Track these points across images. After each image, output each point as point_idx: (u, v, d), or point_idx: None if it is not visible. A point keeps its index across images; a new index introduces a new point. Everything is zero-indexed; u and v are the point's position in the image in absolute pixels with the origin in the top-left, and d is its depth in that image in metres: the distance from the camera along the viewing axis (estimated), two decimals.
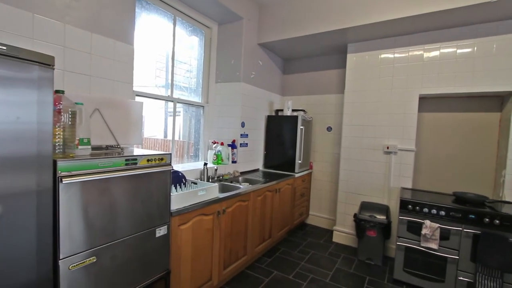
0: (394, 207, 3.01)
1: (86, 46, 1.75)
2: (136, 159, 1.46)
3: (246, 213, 2.44)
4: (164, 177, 1.62)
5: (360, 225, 2.86)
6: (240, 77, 3.10)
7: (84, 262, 1.26)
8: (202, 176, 2.61)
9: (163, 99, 2.69)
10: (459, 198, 2.52)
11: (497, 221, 2.13)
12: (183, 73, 3.02)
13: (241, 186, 2.52)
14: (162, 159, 1.60)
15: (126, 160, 1.41)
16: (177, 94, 2.85)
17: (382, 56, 3.10)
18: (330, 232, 3.60)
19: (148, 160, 1.52)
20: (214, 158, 2.90)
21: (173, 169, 2.02)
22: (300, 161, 3.45)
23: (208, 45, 3.19)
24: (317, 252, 3.05)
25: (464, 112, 2.93)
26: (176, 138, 2.92)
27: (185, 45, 2.97)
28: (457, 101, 2.96)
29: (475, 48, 2.64)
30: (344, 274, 2.62)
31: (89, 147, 1.36)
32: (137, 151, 1.66)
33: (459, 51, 2.71)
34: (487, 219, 2.17)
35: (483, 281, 2.14)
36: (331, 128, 3.75)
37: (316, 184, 3.88)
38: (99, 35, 1.81)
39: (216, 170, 2.74)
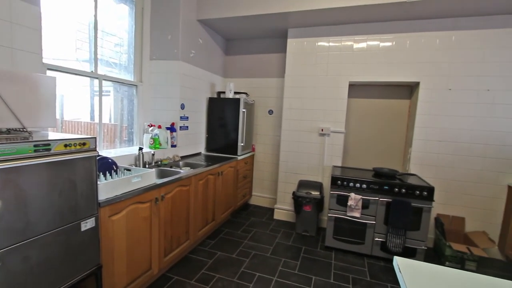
0: (327, 183, 3.33)
1: None
2: (49, 145, 1.24)
3: (187, 198, 2.38)
4: (88, 165, 1.43)
5: (298, 201, 3.10)
6: (179, 55, 2.89)
7: None
8: (138, 162, 2.41)
9: (86, 76, 2.33)
10: (377, 173, 2.94)
11: (404, 190, 2.57)
12: (111, 46, 2.66)
13: (181, 171, 2.42)
14: (84, 144, 1.41)
15: (36, 145, 1.19)
16: (104, 71, 2.51)
17: (319, 43, 3.27)
18: (271, 210, 3.81)
19: (66, 146, 1.31)
20: (151, 143, 2.70)
21: (99, 155, 1.81)
22: (242, 144, 3.49)
23: (140, 16, 2.86)
24: (259, 230, 3.21)
25: (383, 99, 3.36)
26: (106, 121, 2.61)
27: (113, 14, 2.60)
28: (378, 89, 3.36)
29: (394, 42, 3.01)
30: (283, 247, 2.83)
31: None
32: (52, 135, 1.41)
33: (381, 44, 3.05)
34: (396, 189, 2.59)
35: (392, 239, 2.59)
36: (272, 111, 3.86)
37: (259, 165, 4.01)
38: None
39: (153, 155, 2.56)
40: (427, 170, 3.00)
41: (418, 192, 2.52)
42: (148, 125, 2.83)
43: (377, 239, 2.67)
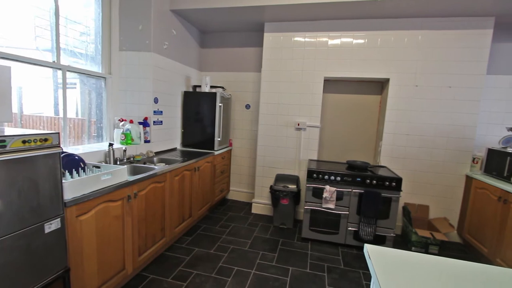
0: (303, 176, 3.41)
1: None
2: (4, 141, 1.14)
3: (162, 195, 2.31)
4: (51, 162, 1.33)
5: (275, 195, 3.14)
6: (151, 46, 2.77)
7: None
8: (108, 159, 2.29)
9: (47, 66, 2.15)
10: (350, 165, 3.05)
11: (375, 182, 2.70)
12: (77, 35, 2.48)
13: (155, 167, 2.34)
14: (46, 140, 1.30)
15: None
16: (68, 61, 2.34)
17: (295, 38, 3.29)
18: (249, 205, 3.83)
19: (24, 142, 1.21)
20: (122, 138, 2.58)
21: (64, 152, 1.70)
22: (219, 139, 3.45)
23: (108, 3, 2.68)
24: (237, 225, 3.21)
25: (356, 94, 3.48)
26: (73, 115, 2.44)
27: (77, 0, 2.41)
28: (352, 84, 3.47)
29: (366, 39, 3.11)
30: (261, 240, 2.87)
31: None
32: (9, 131, 1.30)
33: (354, 41, 3.14)
34: (368, 181, 2.71)
35: (364, 228, 2.72)
36: (249, 106, 3.85)
37: (236, 160, 4.00)
38: None
39: (125, 151, 2.45)
40: (395, 162, 3.17)
41: (387, 183, 2.66)
42: (119, 120, 2.70)
43: (350, 228, 2.79)
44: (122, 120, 2.68)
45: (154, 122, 2.91)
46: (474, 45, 2.85)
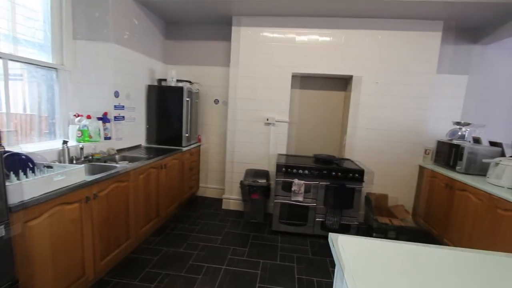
0: (273, 171, 3.45)
1: None
2: None
3: (126, 195, 2.19)
4: None
5: (245, 190, 3.15)
6: (110, 35, 2.57)
7: None
8: (62, 158, 2.10)
9: None
10: (317, 159, 3.17)
11: (340, 174, 2.83)
12: (21, 20, 2.20)
13: (118, 165, 2.20)
14: None
15: None
16: (10, 49, 2.07)
17: (263, 34, 3.29)
18: (220, 201, 3.79)
19: None
20: (79, 135, 2.37)
21: (7, 151, 1.52)
22: (187, 135, 3.35)
23: None
24: (207, 221, 3.17)
25: (322, 90, 3.60)
26: (19, 110, 2.18)
27: None
28: (318, 80, 3.58)
29: (331, 37, 3.22)
30: (232, 236, 2.86)
31: None
32: None
33: (320, 38, 3.23)
34: (333, 173, 2.84)
35: (330, 218, 2.85)
36: (218, 101, 3.79)
37: (205, 156, 3.93)
38: None
39: (82, 149, 2.26)
40: (358, 154, 3.36)
41: (351, 175, 2.81)
42: (75, 115, 2.48)
43: (317, 219, 2.91)
44: (78, 116, 2.47)
45: (115, 117, 2.72)
46: (425, 46, 3.10)
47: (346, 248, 0.96)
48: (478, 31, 3.24)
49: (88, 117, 2.48)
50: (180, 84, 3.28)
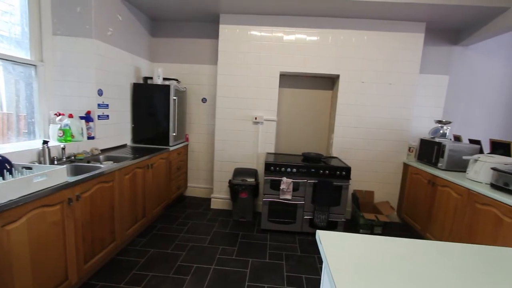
0: (261, 169, 3.46)
1: None
2: None
3: (111, 195, 2.13)
4: None
5: (234, 189, 3.14)
6: (92, 32, 2.49)
7: None
8: (42, 158, 2.02)
9: None
10: (305, 157, 3.19)
11: (327, 172, 2.87)
12: None
13: (102, 166, 2.14)
14: None
15: None
16: None
17: (251, 32, 3.28)
18: (208, 201, 3.77)
19: None
20: (60, 135, 2.29)
21: None
22: (174, 134, 3.30)
23: None
24: (196, 221, 3.14)
25: (310, 89, 3.64)
26: None
27: None
28: (306, 79, 3.61)
29: (318, 37, 3.25)
30: (221, 235, 2.85)
31: None
32: None
33: (308, 38, 3.25)
34: (321, 171, 2.87)
35: (318, 216, 2.89)
36: (206, 100, 3.75)
37: (193, 156, 3.88)
38: None
39: (63, 149, 2.18)
40: (345, 152, 3.41)
41: (338, 172, 2.85)
42: (56, 114, 2.38)
43: (306, 217, 2.94)
44: (59, 115, 2.38)
45: (98, 116, 2.64)
46: (409, 47, 3.18)
47: (333, 244, 0.97)
48: (459, 33, 3.36)
49: (70, 116, 2.40)
50: (166, 83, 3.22)
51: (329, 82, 3.61)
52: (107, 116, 2.78)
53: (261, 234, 2.93)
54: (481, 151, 2.74)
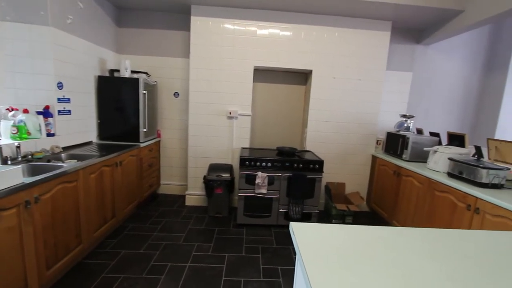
0: (236, 164, 3.45)
1: None
2: None
3: (75, 196, 1.99)
4: None
5: (209, 185, 3.10)
6: (48, 18, 2.27)
7: None
8: None
9: None
10: (280, 151, 3.23)
11: (301, 165, 2.93)
12: None
13: (64, 165, 1.99)
14: None
15: None
16: None
17: (225, 25, 3.21)
18: (182, 197, 3.68)
19: None
20: (14, 132, 2.08)
21: None
22: (145, 130, 3.16)
23: None
24: (170, 219, 3.05)
25: (284, 84, 3.67)
26: None
27: None
28: (280, 74, 3.63)
29: (292, 32, 3.27)
30: (196, 232, 2.80)
31: None
32: None
33: (281, 32, 3.26)
34: (295, 165, 2.93)
35: (293, 208, 2.95)
36: (178, 94, 3.63)
37: (166, 152, 3.76)
38: None
39: (18, 147, 1.99)
40: (319, 146, 3.51)
41: (312, 165, 2.93)
42: (7, 109, 2.16)
43: (281, 210, 2.99)
44: (12, 110, 2.16)
45: (59, 111, 2.44)
46: (377, 44, 3.32)
47: (306, 235, 1.00)
48: (421, 32, 3.58)
49: (25, 111, 2.19)
50: (135, 76, 3.06)
51: (303, 77, 3.67)
52: (69, 111, 2.58)
53: (237, 229, 2.93)
54: (440, 143, 2.96)
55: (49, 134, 2.34)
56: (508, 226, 1.68)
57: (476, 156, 2.32)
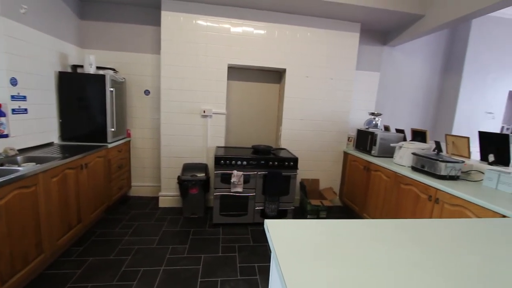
0: (211, 164, 3.40)
1: None
2: None
3: (34, 202, 1.83)
4: None
5: (183, 185, 3.02)
6: None
7: None
8: None
9: None
10: (255, 150, 3.24)
11: (276, 163, 2.96)
12: None
13: (20, 168, 1.82)
14: None
15: None
16: None
17: (197, 21, 3.14)
18: (155, 199, 3.55)
19: None
20: None
21: None
22: (113, 129, 2.99)
23: None
24: (142, 222, 2.93)
25: (259, 82, 3.68)
26: None
27: None
28: (255, 72, 3.64)
29: (265, 31, 3.28)
30: (171, 234, 2.72)
31: None
32: None
33: (255, 31, 3.26)
34: (270, 163, 2.95)
35: (269, 206, 2.98)
36: (149, 92, 3.48)
37: (137, 152, 3.60)
38: None
39: None
40: (293, 144, 3.57)
41: (287, 163, 2.97)
42: None
43: (257, 208, 3.00)
44: None
45: (13, 110, 2.23)
46: (347, 44, 3.45)
47: (281, 231, 1.00)
48: (387, 34, 3.78)
49: None
50: (101, 72, 2.88)
51: (277, 75, 3.70)
52: (25, 110, 2.37)
53: (214, 229, 2.89)
54: (404, 139, 3.15)
55: (2, 135, 2.12)
56: (464, 214, 1.84)
57: (436, 150, 2.51)
